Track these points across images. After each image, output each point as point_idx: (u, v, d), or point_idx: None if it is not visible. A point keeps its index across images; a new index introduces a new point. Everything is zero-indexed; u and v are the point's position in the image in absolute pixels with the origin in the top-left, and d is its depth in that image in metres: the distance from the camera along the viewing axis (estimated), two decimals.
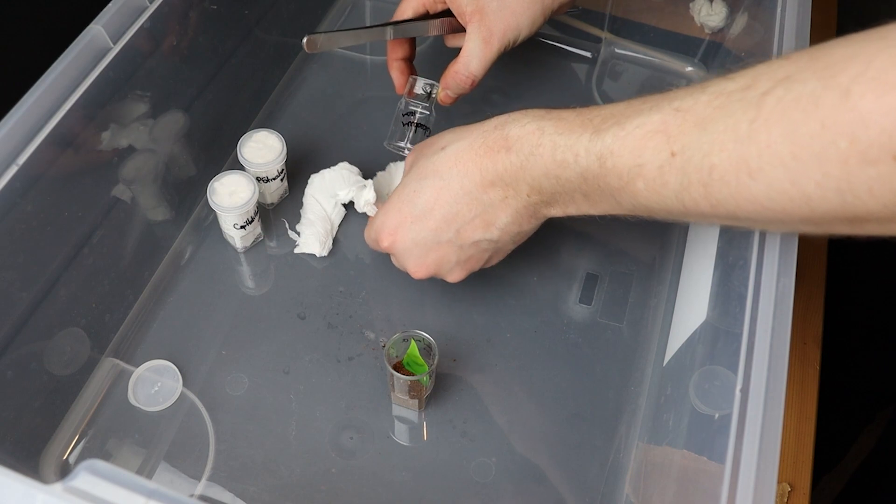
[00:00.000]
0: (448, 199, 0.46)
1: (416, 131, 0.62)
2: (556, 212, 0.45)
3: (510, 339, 0.58)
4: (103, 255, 0.52)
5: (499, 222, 0.46)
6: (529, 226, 0.47)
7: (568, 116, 0.42)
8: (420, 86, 0.60)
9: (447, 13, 0.58)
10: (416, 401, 0.52)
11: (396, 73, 0.62)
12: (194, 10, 0.55)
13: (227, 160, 0.66)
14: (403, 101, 0.62)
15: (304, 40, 0.54)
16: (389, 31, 0.57)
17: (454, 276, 0.51)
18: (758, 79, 0.33)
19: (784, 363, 0.38)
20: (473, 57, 0.56)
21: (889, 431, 0.91)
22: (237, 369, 0.55)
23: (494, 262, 0.51)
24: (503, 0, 0.54)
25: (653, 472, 0.49)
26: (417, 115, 0.62)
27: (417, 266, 0.50)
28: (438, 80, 0.60)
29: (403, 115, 0.62)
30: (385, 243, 0.50)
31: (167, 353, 0.55)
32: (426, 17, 0.59)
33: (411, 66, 0.63)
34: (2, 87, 0.45)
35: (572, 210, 0.44)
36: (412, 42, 0.61)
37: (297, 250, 0.61)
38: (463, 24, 0.56)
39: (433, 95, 0.61)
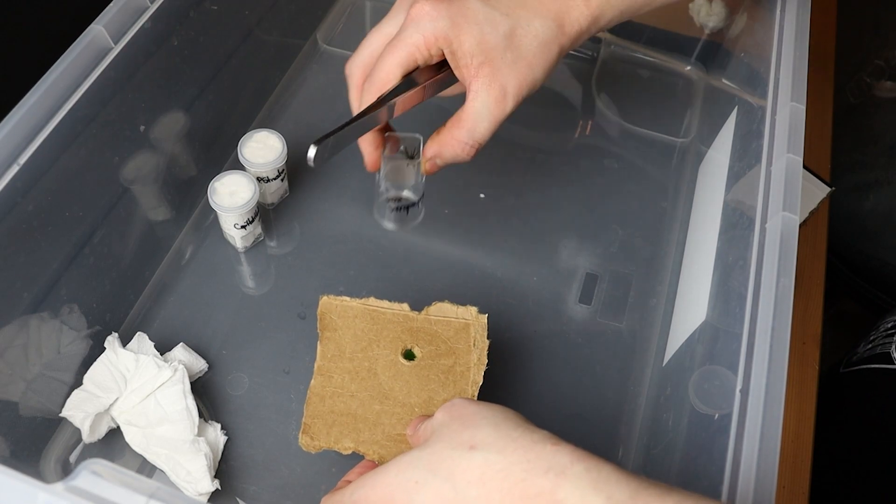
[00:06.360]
0: None
1: (407, 212, 0.51)
2: None
3: (510, 339, 0.58)
4: (104, 254, 0.52)
5: None
6: None
7: None
8: (400, 148, 0.48)
9: (443, 65, 0.45)
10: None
11: (369, 146, 0.48)
12: (195, 10, 0.55)
13: (228, 160, 0.66)
14: (381, 179, 0.49)
15: (312, 154, 0.42)
16: (387, 111, 0.44)
17: None
18: None
19: (784, 363, 0.38)
20: (482, 120, 0.44)
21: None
22: (237, 369, 0.55)
23: None
24: (518, 49, 0.44)
25: (653, 473, 0.49)
26: (403, 200, 0.50)
27: None
28: (413, 129, 0.48)
29: (387, 200, 0.50)
30: None
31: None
32: (417, 75, 0.45)
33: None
34: (3, 86, 0.45)
35: None
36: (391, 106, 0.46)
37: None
38: (463, 80, 0.44)
39: (417, 159, 0.48)
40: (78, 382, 0.51)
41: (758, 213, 0.45)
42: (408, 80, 0.44)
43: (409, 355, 0.51)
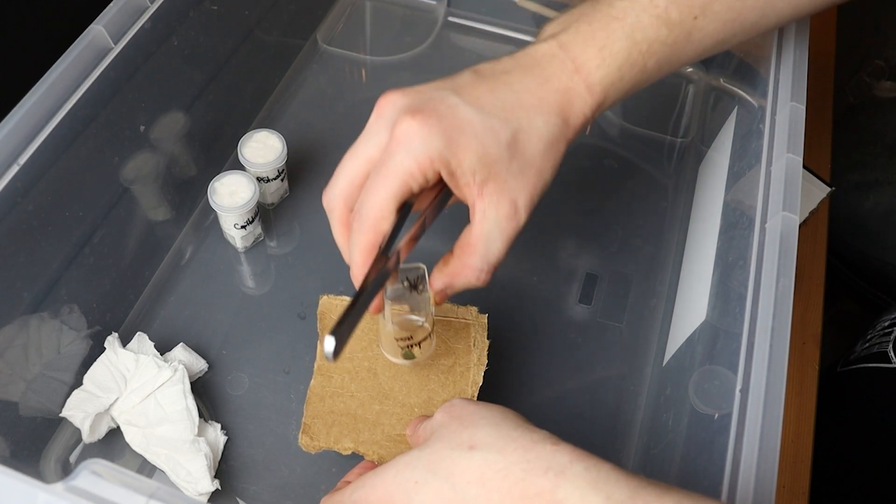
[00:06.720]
0: None
1: (420, 346, 0.46)
2: None
3: (510, 339, 0.58)
4: (104, 254, 0.52)
5: None
6: None
7: None
8: (401, 282, 0.42)
9: (439, 184, 0.39)
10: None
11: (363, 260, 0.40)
12: (195, 10, 0.55)
13: (228, 160, 0.66)
14: (387, 321, 0.43)
15: (331, 349, 0.34)
16: (395, 259, 0.39)
17: None
18: None
19: (784, 363, 0.38)
20: (494, 241, 0.39)
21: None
22: (237, 369, 0.55)
23: None
24: (523, 156, 0.39)
25: (653, 473, 0.49)
26: (414, 337, 0.45)
27: None
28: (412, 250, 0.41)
29: (396, 339, 0.45)
30: None
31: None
32: (414, 202, 0.39)
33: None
34: (3, 86, 0.45)
35: None
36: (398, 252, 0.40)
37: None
38: (465, 199, 0.39)
39: (423, 288, 0.42)
40: (78, 382, 0.51)
41: (758, 213, 0.45)
42: (403, 212, 0.38)
43: (408, 355, 0.51)
